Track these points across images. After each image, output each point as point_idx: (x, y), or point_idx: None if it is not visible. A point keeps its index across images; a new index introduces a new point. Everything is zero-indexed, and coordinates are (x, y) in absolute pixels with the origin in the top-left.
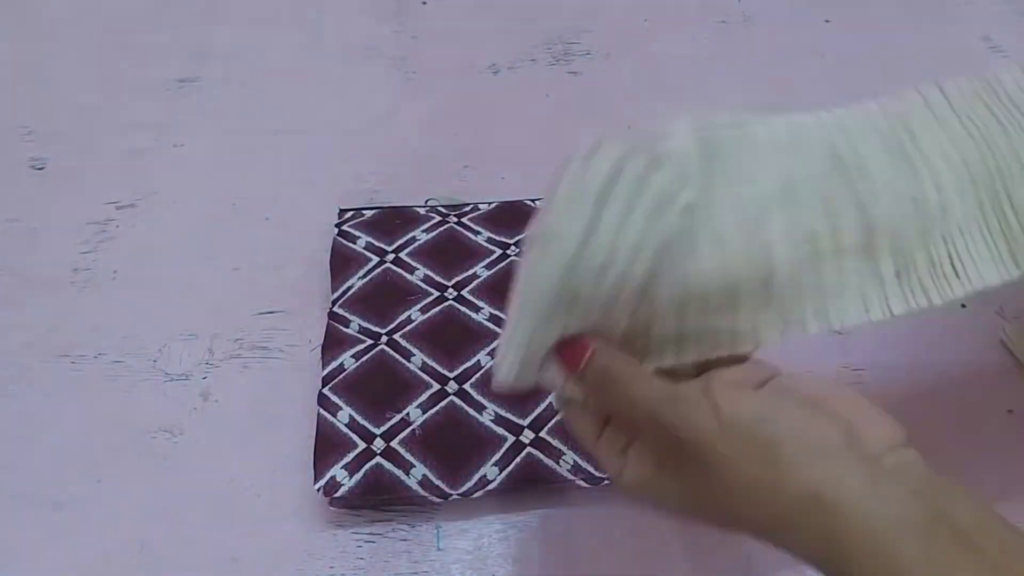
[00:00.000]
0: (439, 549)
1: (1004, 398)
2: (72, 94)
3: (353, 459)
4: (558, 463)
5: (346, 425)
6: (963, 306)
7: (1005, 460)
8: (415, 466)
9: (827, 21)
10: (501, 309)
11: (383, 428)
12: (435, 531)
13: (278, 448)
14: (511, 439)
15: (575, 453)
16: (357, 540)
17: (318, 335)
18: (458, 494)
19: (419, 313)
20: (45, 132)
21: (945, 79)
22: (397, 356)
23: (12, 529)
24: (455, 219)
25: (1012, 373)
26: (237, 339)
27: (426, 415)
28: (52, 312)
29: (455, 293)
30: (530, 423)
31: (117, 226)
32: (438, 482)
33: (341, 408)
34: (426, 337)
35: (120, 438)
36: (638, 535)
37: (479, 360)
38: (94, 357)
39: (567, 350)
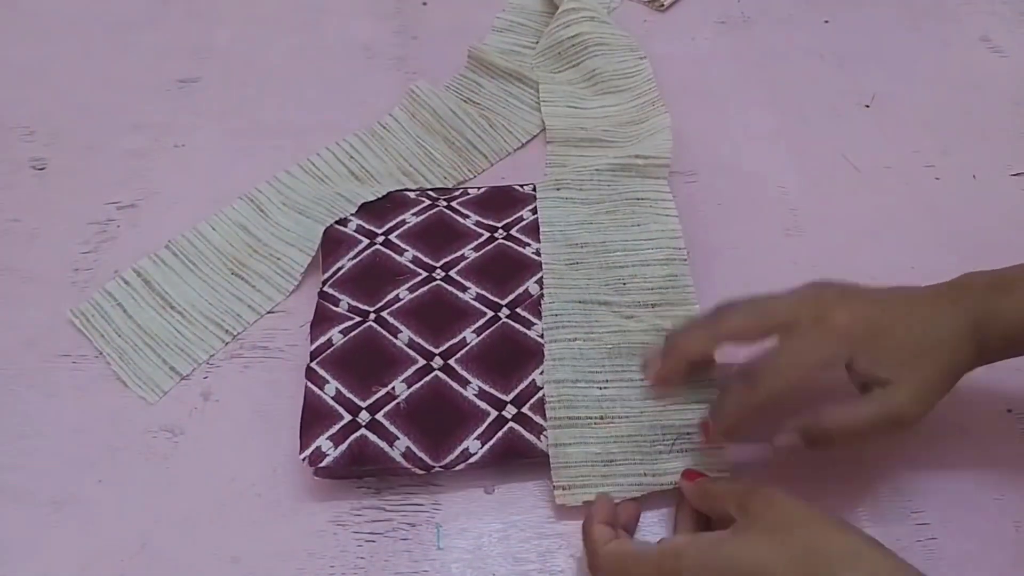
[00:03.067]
0: (439, 548)
1: (1004, 398)
2: (72, 94)
3: (338, 431)
4: (539, 438)
5: (332, 398)
6: None
7: (1005, 460)
8: (399, 438)
9: (827, 21)
10: (487, 289)
11: (368, 401)
12: (435, 531)
13: (278, 448)
14: (494, 414)
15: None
16: (357, 539)
17: None
18: (440, 466)
19: (407, 292)
20: (46, 132)
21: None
22: (384, 332)
23: (12, 529)
24: (444, 203)
25: (1012, 373)
26: (237, 339)
27: (411, 389)
28: (52, 312)
29: (443, 273)
30: (513, 399)
31: (118, 226)
32: (421, 454)
33: (328, 381)
34: (413, 314)
35: (120, 438)
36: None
37: (465, 337)
38: (95, 357)
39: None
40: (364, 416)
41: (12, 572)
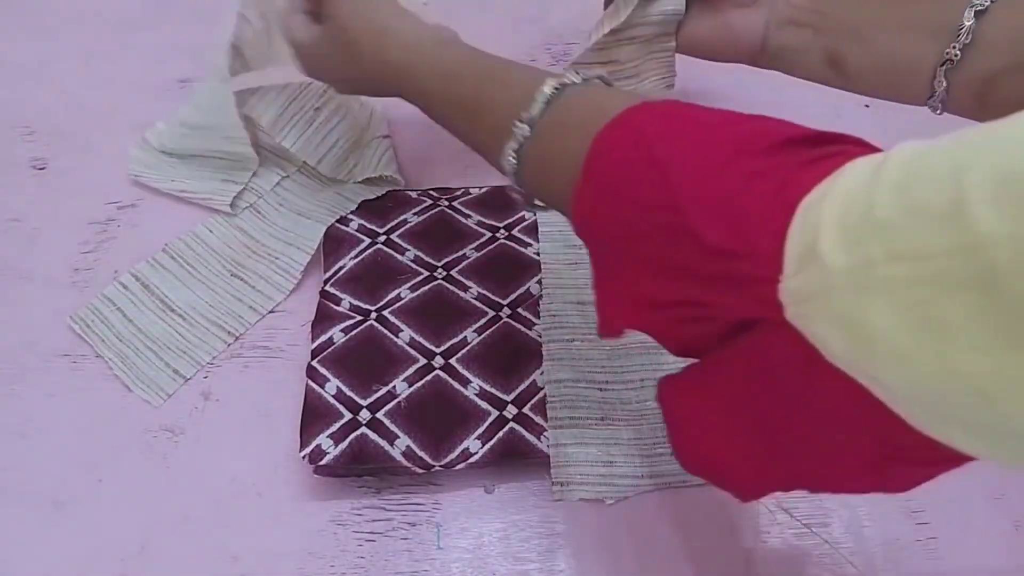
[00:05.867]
0: (439, 548)
1: None
2: (72, 94)
3: (339, 429)
4: (539, 439)
5: (333, 396)
6: None
7: None
8: (399, 437)
9: None
10: (489, 289)
11: (369, 400)
12: (435, 530)
13: (278, 448)
14: (495, 414)
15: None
16: (358, 539)
17: None
18: (440, 466)
19: (408, 291)
20: (46, 132)
21: None
22: (385, 331)
23: (12, 529)
24: (446, 202)
25: None
26: (238, 339)
27: (412, 388)
28: (53, 312)
29: (444, 273)
30: (514, 399)
31: (118, 226)
32: (421, 453)
33: (329, 379)
34: (414, 313)
35: (120, 437)
36: (637, 536)
37: (466, 336)
38: (95, 357)
39: None
40: (364, 415)
41: (12, 572)
